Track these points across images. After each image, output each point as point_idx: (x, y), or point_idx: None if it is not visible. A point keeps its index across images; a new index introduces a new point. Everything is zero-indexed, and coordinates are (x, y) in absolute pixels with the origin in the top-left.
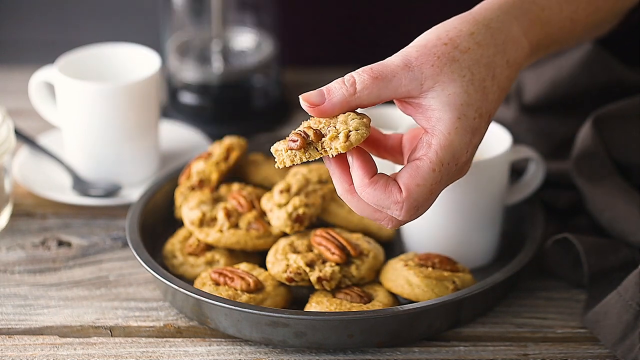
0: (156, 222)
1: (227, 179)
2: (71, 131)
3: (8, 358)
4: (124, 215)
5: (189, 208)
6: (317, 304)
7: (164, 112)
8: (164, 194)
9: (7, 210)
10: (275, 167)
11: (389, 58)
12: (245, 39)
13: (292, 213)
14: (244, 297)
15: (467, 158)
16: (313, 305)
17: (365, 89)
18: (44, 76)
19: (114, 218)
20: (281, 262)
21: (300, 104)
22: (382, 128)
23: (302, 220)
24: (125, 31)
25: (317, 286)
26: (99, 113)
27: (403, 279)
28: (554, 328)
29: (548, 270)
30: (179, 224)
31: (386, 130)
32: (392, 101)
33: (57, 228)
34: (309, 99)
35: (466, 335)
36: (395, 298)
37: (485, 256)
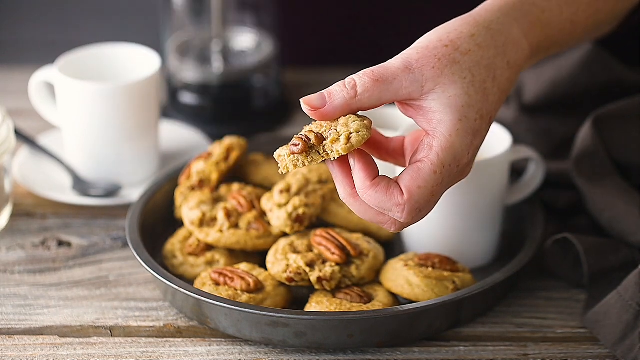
0: (156, 222)
1: (227, 179)
2: (71, 131)
3: (8, 358)
4: (124, 215)
5: (189, 208)
6: (317, 304)
7: (164, 112)
8: (164, 194)
9: (7, 210)
10: (279, 173)
11: (389, 60)
12: (245, 39)
13: (292, 213)
14: (244, 297)
15: (469, 160)
16: (313, 305)
17: (366, 91)
18: (44, 76)
19: (114, 218)
20: (281, 262)
21: (302, 107)
22: (383, 128)
23: (302, 220)
24: (125, 31)
25: (317, 286)
26: (99, 113)
27: (403, 279)
28: (554, 328)
29: (548, 270)
30: (179, 224)
31: (387, 130)
32: (394, 102)
33: (57, 228)
34: (310, 103)
35: (466, 335)
36: (395, 298)
37: (485, 256)
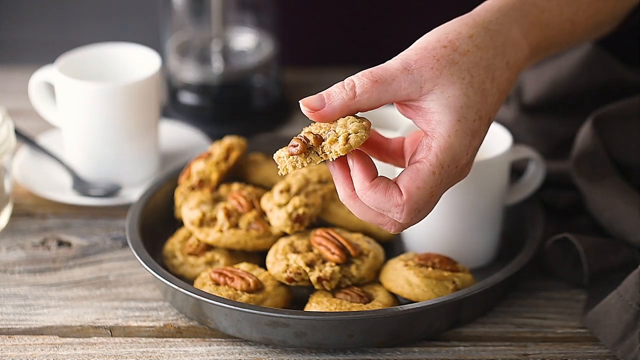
0: (156, 222)
1: (227, 179)
2: (71, 131)
3: (8, 358)
4: (124, 215)
5: (189, 208)
6: (317, 304)
7: (164, 112)
8: (164, 194)
9: (7, 210)
10: (279, 174)
11: (388, 61)
12: (245, 39)
13: (292, 213)
14: (244, 297)
15: (468, 160)
16: (313, 305)
17: (365, 92)
18: (44, 76)
19: (114, 218)
20: (281, 262)
21: (301, 109)
22: (383, 128)
23: (302, 220)
24: (125, 31)
25: (317, 286)
26: (99, 113)
27: (403, 279)
28: (554, 328)
29: (548, 270)
30: (179, 224)
31: (387, 131)
32: (393, 103)
33: (57, 228)
34: (309, 104)
35: (466, 335)
36: (395, 298)
37: (485, 256)
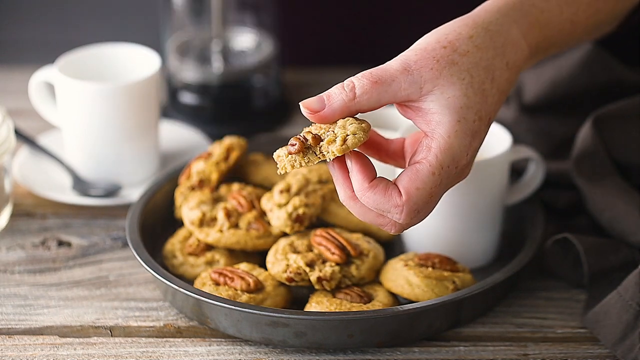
0: (156, 222)
1: (227, 179)
2: (71, 131)
3: (8, 358)
4: (124, 215)
5: (189, 208)
6: (317, 304)
7: (164, 112)
8: (164, 194)
9: (7, 210)
10: (278, 173)
11: (388, 62)
12: (245, 39)
13: (292, 213)
14: (244, 297)
15: (467, 161)
16: (313, 305)
17: (365, 93)
18: (44, 76)
19: (114, 218)
20: (281, 262)
21: (301, 111)
22: (383, 128)
23: (302, 220)
24: (125, 31)
25: (317, 286)
26: (99, 113)
27: (403, 279)
28: (554, 328)
29: (548, 270)
30: (179, 224)
31: (387, 131)
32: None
33: (57, 228)
34: (309, 106)
35: (466, 335)
36: (395, 298)
37: (485, 256)
